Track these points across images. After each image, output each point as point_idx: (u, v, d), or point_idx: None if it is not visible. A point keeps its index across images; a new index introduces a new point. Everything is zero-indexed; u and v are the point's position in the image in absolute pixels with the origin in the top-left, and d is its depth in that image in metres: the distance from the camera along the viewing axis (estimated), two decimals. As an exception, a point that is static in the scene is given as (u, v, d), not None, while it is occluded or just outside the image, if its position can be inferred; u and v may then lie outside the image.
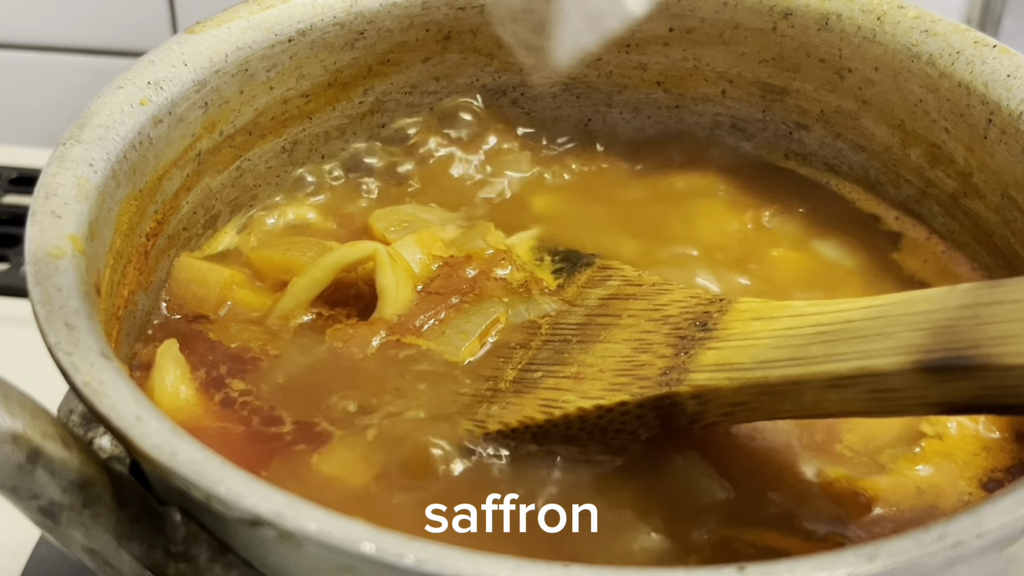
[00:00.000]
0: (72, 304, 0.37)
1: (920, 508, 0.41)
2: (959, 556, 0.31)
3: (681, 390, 0.39)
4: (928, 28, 0.51)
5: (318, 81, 0.54)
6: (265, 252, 0.51)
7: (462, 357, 0.45)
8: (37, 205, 0.40)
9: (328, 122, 0.55)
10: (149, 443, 0.32)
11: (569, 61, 0.33)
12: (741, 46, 0.56)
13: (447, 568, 0.29)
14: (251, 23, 0.50)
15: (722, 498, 0.40)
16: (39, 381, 0.39)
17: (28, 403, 0.34)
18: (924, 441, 0.43)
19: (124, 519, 0.35)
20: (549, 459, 0.41)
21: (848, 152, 0.56)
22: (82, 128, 0.44)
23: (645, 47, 0.57)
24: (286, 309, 0.47)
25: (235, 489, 0.31)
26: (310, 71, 0.53)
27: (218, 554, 0.35)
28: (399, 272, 0.47)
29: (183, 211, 0.50)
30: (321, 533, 0.30)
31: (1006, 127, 0.48)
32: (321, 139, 0.56)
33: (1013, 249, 0.49)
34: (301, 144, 0.55)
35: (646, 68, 0.58)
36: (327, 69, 0.54)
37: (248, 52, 0.50)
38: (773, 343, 0.39)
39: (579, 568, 0.30)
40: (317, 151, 0.56)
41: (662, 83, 0.58)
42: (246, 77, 0.50)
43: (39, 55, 0.98)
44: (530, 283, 0.48)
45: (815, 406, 0.38)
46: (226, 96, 0.50)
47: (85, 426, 0.41)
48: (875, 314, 0.38)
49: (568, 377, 0.43)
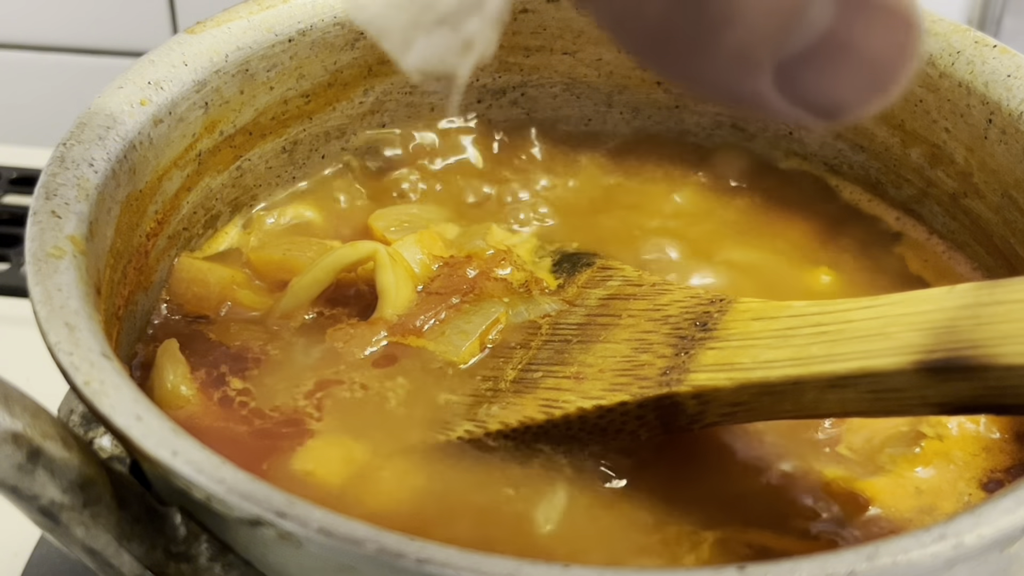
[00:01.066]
0: (72, 304, 0.37)
1: (920, 508, 0.41)
2: (959, 556, 0.31)
3: (681, 390, 0.39)
4: (928, 28, 0.51)
5: (318, 81, 0.54)
6: (265, 252, 0.51)
7: (462, 357, 0.45)
8: (37, 205, 0.40)
9: (328, 122, 0.55)
10: (149, 443, 0.32)
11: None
12: (741, 46, 0.56)
13: (447, 568, 0.29)
14: (251, 23, 0.50)
15: (721, 498, 0.40)
16: (39, 381, 0.39)
17: (28, 403, 0.34)
18: (924, 442, 0.43)
19: (124, 519, 0.35)
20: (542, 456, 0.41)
21: (848, 152, 0.56)
22: (82, 128, 0.44)
23: (645, 47, 0.57)
24: (286, 309, 0.47)
25: (235, 489, 0.31)
26: (310, 71, 0.53)
27: (218, 554, 0.35)
28: (399, 272, 0.47)
29: (183, 211, 0.50)
30: (321, 533, 0.30)
31: (1006, 127, 0.48)
32: (321, 139, 0.56)
33: (1013, 249, 0.49)
34: (301, 144, 0.55)
35: (646, 68, 0.58)
36: (327, 69, 0.54)
37: (248, 52, 0.50)
38: (773, 343, 0.39)
39: (579, 568, 0.30)
40: (317, 151, 0.56)
41: (662, 83, 0.58)
42: (246, 77, 0.50)
43: (39, 55, 0.98)
44: (530, 283, 0.48)
45: (815, 406, 0.38)
46: (226, 96, 0.50)
47: (85, 426, 0.41)
48: (875, 314, 0.38)
49: (568, 377, 0.43)
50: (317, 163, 0.56)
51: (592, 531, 0.39)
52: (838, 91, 0.27)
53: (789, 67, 0.26)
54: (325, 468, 0.41)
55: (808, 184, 0.57)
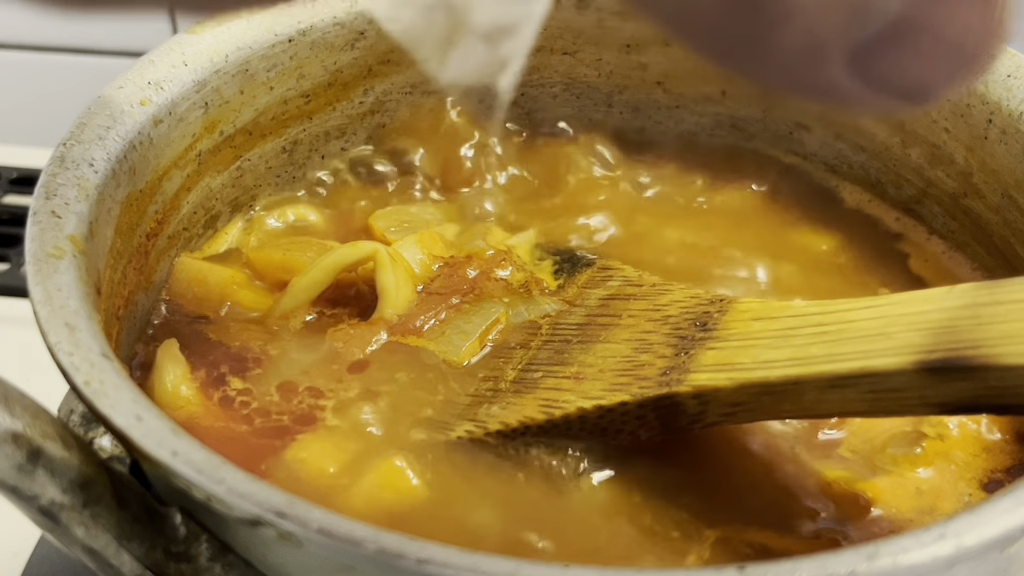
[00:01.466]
0: (72, 304, 0.37)
1: (920, 509, 0.41)
2: (959, 556, 0.31)
3: (681, 390, 0.39)
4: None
5: (318, 81, 0.54)
6: (265, 252, 0.51)
7: (462, 357, 0.45)
8: (37, 205, 0.40)
9: (328, 122, 0.55)
10: (149, 443, 0.32)
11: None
12: (741, 46, 0.56)
13: (447, 568, 0.29)
14: (251, 23, 0.50)
15: (721, 498, 0.40)
16: (39, 381, 0.39)
17: (28, 403, 0.34)
18: (925, 442, 0.43)
19: (124, 519, 0.35)
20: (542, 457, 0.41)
21: (848, 152, 0.56)
22: (82, 128, 0.44)
23: (645, 47, 0.57)
24: (286, 309, 0.47)
25: (235, 489, 0.31)
26: (310, 71, 0.53)
27: (218, 554, 0.35)
28: (399, 272, 0.47)
29: (183, 211, 0.50)
30: (321, 533, 0.30)
31: (1006, 127, 0.48)
32: (321, 139, 0.56)
33: (1013, 249, 0.49)
34: (301, 144, 0.55)
35: (646, 68, 0.58)
36: (327, 69, 0.54)
37: (248, 52, 0.50)
38: (773, 343, 0.39)
39: (579, 568, 0.30)
40: (317, 151, 0.56)
41: (662, 83, 0.58)
42: (246, 77, 0.50)
43: (39, 55, 0.98)
44: (530, 283, 0.48)
45: (815, 406, 0.38)
46: (226, 96, 0.50)
47: (85, 426, 0.41)
48: (875, 314, 0.38)
49: (568, 377, 0.43)
50: (317, 163, 0.56)
51: (591, 531, 0.39)
52: (921, 72, 0.25)
53: (864, 53, 0.24)
54: (321, 463, 0.41)
55: (808, 184, 0.57)
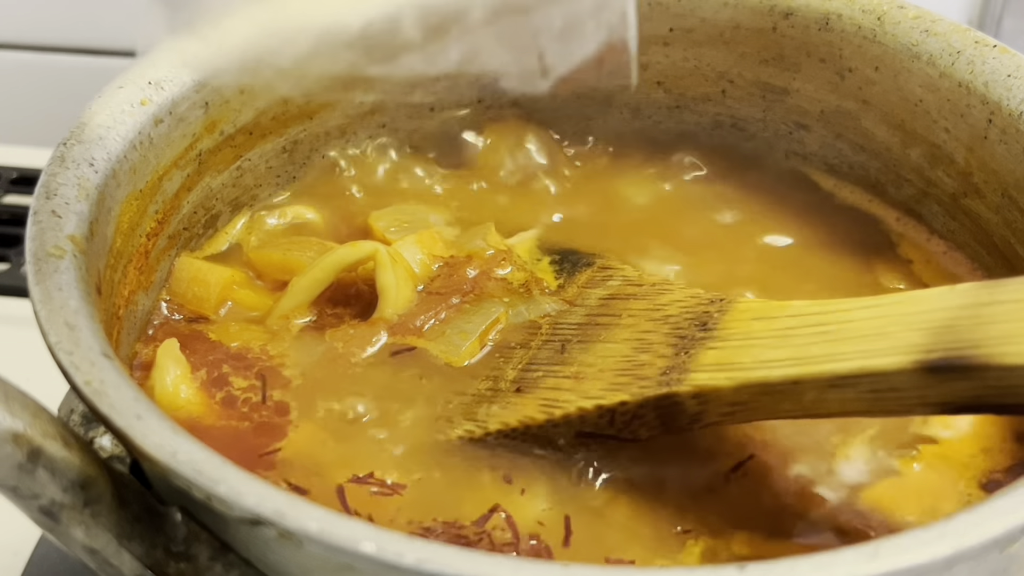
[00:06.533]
0: (72, 304, 0.37)
1: (920, 509, 0.41)
2: (959, 556, 0.31)
3: (681, 390, 0.39)
4: (928, 28, 0.51)
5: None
6: (265, 252, 0.51)
7: (462, 357, 0.45)
8: (37, 205, 0.40)
9: (329, 122, 0.55)
10: (150, 442, 0.32)
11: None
12: (741, 46, 0.56)
13: (447, 567, 0.29)
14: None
15: (720, 498, 0.40)
16: (39, 381, 0.39)
17: (29, 403, 0.34)
18: (924, 442, 0.43)
19: (125, 518, 0.35)
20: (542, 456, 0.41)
21: (848, 152, 0.56)
22: (82, 128, 0.44)
23: (645, 47, 0.57)
24: (286, 309, 0.47)
25: (235, 488, 0.31)
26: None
27: (218, 553, 0.35)
28: (399, 272, 0.47)
29: (184, 211, 0.50)
30: (322, 532, 0.30)
31: (1006, 127, 0.48)
32: (321, 139, 0.56)
33: (1013, 249, 0.49)
34: (301, 144, 0.55)
35: (646, 68, 0.58)
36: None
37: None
38: (773, 343, 0.39)
39: (579, 568, 0.30)
40: (318, 151, 0.56)
41: (662, 83, 0.58)
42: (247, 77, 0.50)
43: (39, 55, 0.98)
44: (530, 283, 0.48)
45: (815, 406, 0.38)
46: (227, 96, 0.50)
47: (86, 426, 0.41)
48: (875, 314, 0.38)
49: (568, 377, 0.43)
50: (317, 163, 0.56)
51: (590, 530, 0.39)
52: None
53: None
54: (321, 462, 0.41)
55: (808, 184, 0.57)
